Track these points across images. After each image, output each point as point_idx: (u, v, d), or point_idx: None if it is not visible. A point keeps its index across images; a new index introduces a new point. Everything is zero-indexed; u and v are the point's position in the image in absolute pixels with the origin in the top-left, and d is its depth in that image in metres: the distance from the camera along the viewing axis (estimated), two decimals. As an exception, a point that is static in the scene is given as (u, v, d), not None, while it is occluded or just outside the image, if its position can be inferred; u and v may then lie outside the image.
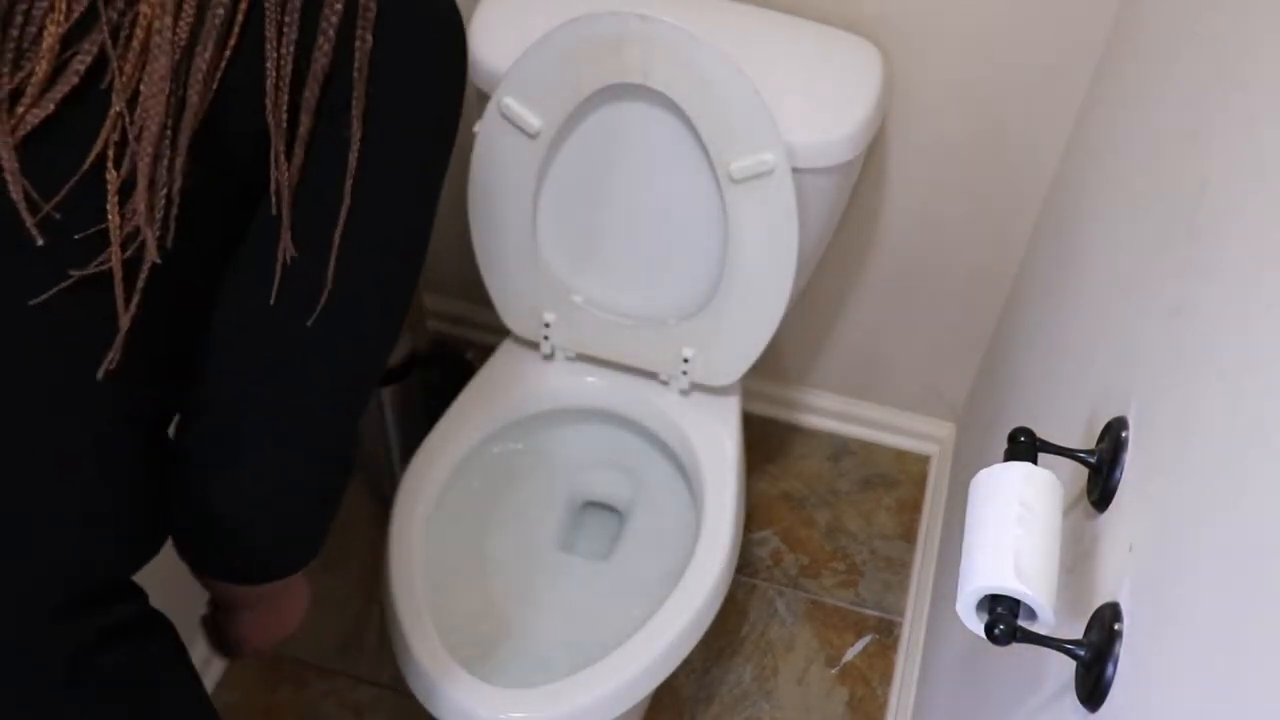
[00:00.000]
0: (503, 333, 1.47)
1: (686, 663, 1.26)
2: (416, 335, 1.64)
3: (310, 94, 0.67)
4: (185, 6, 0.65)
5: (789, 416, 1.89)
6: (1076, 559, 0.79)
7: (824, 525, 1.79)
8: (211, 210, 0.70)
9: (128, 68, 0.65)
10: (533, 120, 1.24)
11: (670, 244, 1.33)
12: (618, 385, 1.44)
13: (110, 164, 0.65)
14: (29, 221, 0.65)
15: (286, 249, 0.69)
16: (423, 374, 1.63)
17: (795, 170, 1.20)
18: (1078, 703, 0.69)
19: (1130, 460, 0.75)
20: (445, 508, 1.33)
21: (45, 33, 0.64)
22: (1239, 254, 0.66)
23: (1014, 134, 1.41)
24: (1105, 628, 0.67)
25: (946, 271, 1.61)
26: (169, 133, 0.65)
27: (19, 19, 0.64)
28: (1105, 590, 0.72)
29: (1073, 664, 0.70)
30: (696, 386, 1.42)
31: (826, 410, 1.88)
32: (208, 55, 0.65)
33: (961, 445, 1.72)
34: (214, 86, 0.66)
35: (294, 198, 0.69)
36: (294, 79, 0.67)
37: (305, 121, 0.68)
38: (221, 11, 0.65)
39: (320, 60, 0.67)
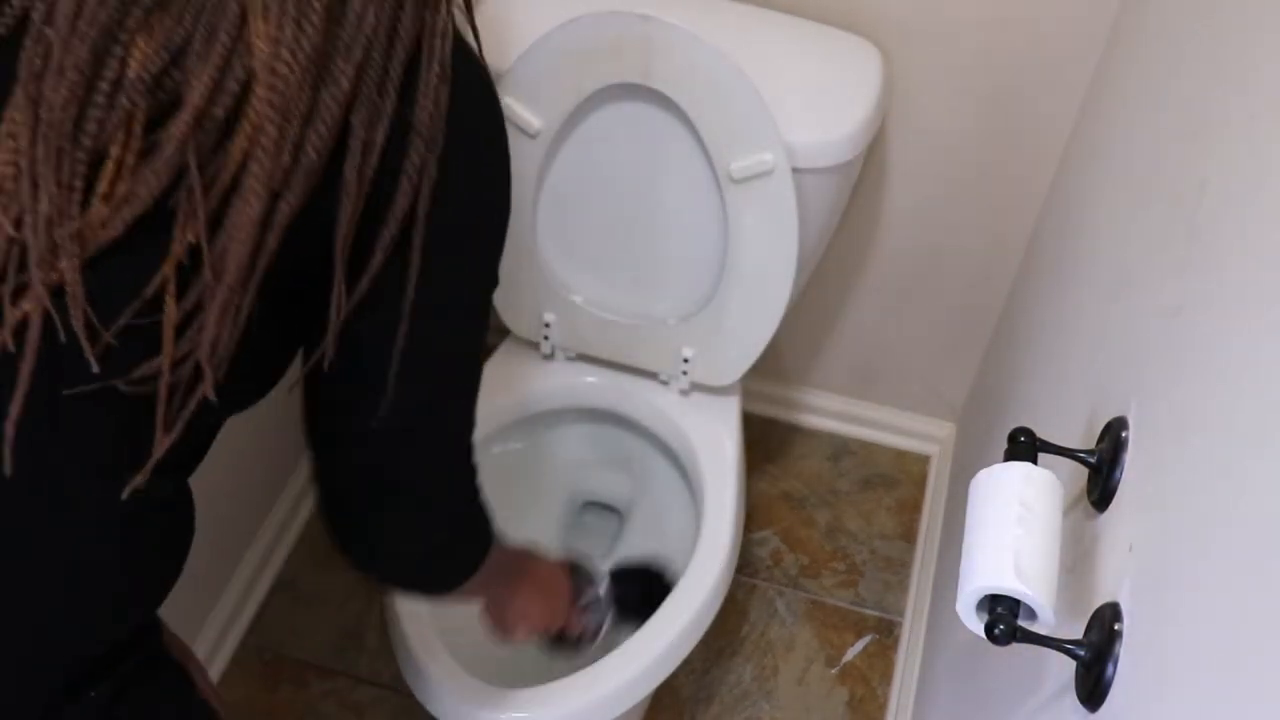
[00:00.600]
0: (503, 333, 1.47)
1: (686, 663, 1.26)
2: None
3: (389, 232, 0.66)
4: (283, 149, 0.61)
5: (789, 416, 1.89)
6: (1076, 559, 0.79)
7: (824, 525, 1.79)
8: (257, 338, 0.68)
9: (211, 201, 0.61)
10: (533, 120, 1.24)
11: (670, 244, 1.33)
12: (618, 385, 1.44)
13: (172, 295, 0.62)
14: (88, 351, 0.62)
15: (330, 363, 0.69)
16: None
17: (795, 170, 1.20)
18: (1078, 703, 0.69)
19: (1130, 460, 0.75)
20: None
21: (127, 135, 0.60)
22: (1239, 254, 0.66)
23: (1014, 133, 1.41)
24: (1105, 628, 0.67)
25: (946, 271, 1.61)
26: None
27: (92, 126, 0.60)
28: (1105, 590, 0.72)
29: (1073, 664, 0.70)
30: (696, 386, 1.42)
31: (826, 410, 1.88)
32: (293, 200, 0.62)
33: (961, 445, 1.72)
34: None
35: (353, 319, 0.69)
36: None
37: (379, 257, 0.66)
38: (314, 154, 0.62)
39: (402, 202, 0.66)
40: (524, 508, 1.45)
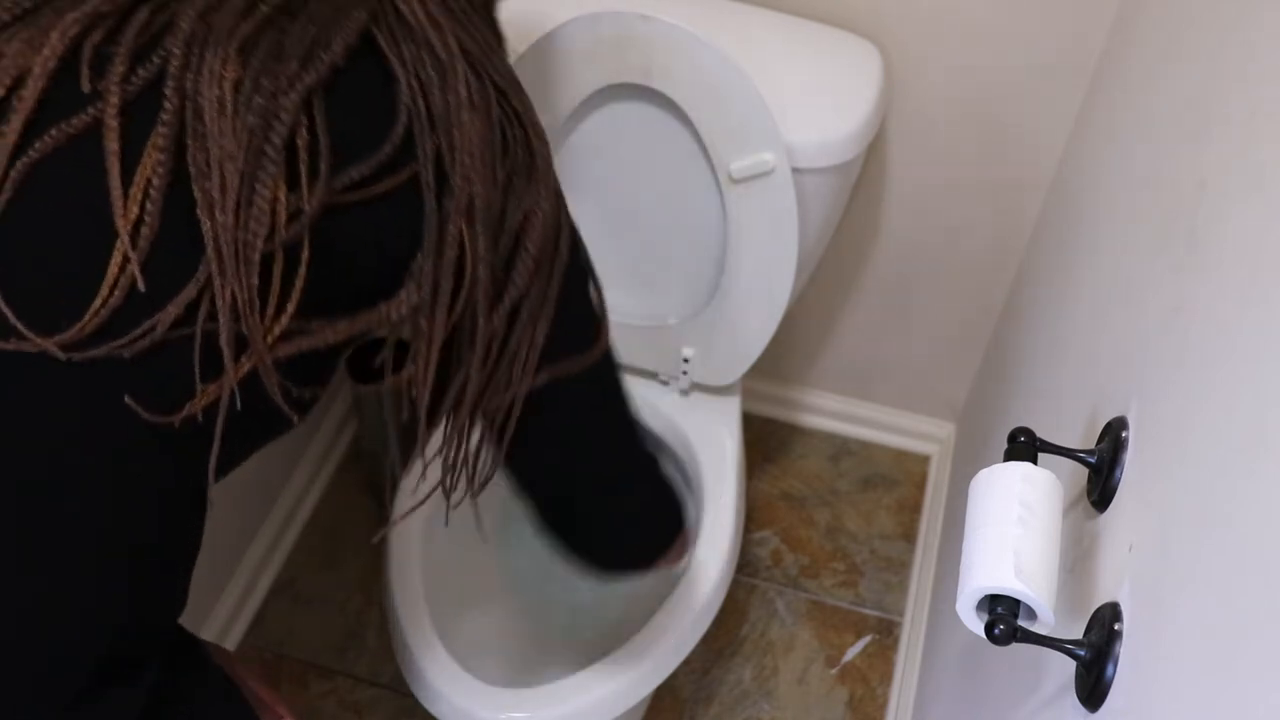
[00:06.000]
0: (503, 333, 1.47)
1: (686, 663, 1.26)
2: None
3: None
4: (493, 264, 0.74)
5: (789, 416, 1.89)
6: (1076, 559, 0.79)
7: (824, 525, 1.79)
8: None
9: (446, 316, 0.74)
10: (533, 120, 1.24)
11: (670, 244, 1.33)
12: (618, 385, 1.44)
13: (389, 365, 0.77)
14: (282, 404, 0.69)
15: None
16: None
17: (795, 170, 1.20)
18: (1078, 703, 0.69)
19: (1130, 460, 0.75)
20: (445, 508, 1.33)
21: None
22: (1238, 254, 0.67)
23: (1014, 134, 1.41)
24: (1105, 628, 0.67)
25: (946, 271, 1.61)
26: None
27: (258, 228, 0.64)
28: (1105, 590, 0.72)
29: (1073, 664, 0.70)
30: (696, 386, 1.42)
31: (826, 410, 1.88)
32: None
33: (961, 445, 1.72)
34: None
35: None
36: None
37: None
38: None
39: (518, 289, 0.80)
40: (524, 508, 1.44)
